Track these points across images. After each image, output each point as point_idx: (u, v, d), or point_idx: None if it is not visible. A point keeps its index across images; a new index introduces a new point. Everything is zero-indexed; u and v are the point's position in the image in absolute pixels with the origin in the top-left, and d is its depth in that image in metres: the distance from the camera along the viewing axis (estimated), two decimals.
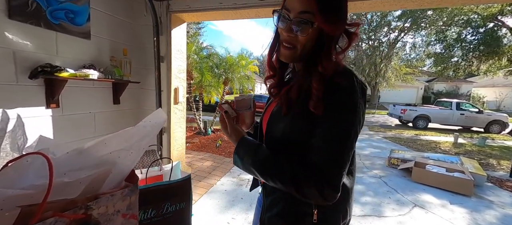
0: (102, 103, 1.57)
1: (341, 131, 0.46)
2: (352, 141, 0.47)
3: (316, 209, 0.54)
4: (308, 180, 0.45)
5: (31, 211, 0.24)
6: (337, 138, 0.46)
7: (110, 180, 0.35)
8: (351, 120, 0.46)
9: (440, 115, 8.25)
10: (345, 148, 0.46)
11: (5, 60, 1.07)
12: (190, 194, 0.63)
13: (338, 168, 0.45)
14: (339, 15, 0.49)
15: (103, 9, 1.50)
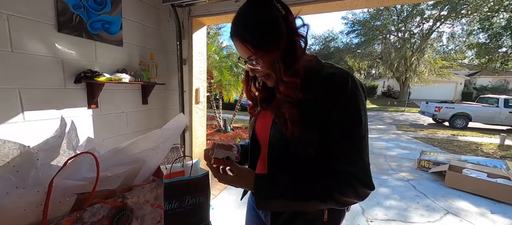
0: (133, 104, 1.73)
1: (356, 133, 0.49)
2: (366, 139, 0.50)
3: (326, 209, 0.56)
4: (347, 191, 0.49)
5: (84, 198, 0.30)
6: (354, 141, 0.49)
7: (140, 175, 0.41)
8: (360, 118, 0.49)
9: (483, 114, 7.34)
10: (364, 147, 0.49)
11: (55, 68, 1.25)
12: (208, 189, 0.69)
13: (366, 167, 0.49)
14: (272, 40, 0.49)
15: (133, 18, 1.65)
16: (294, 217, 0.58)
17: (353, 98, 0.49)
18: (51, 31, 1.21)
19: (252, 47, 0.50)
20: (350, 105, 0.49)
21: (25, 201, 0.25)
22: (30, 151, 0.28)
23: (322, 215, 0.57)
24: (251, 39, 0.50)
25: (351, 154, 0.49)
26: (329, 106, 0.49)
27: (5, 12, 1.04)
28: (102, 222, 0.32)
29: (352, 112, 0.49)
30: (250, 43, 0.50)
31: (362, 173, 0.49)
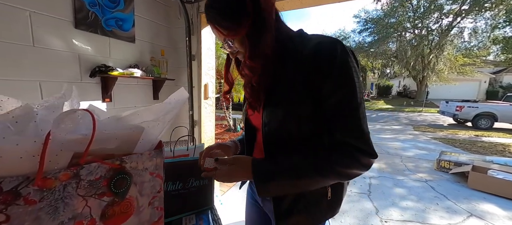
0: (144, 98, 1.78)
1: (351, 103, 0.47)
2: (363, 107, 0.48)
3: (330, 186, 0.54)
4: (349, 163, 0.47)
5: (80, 154, 0.31)
6: (351, 111, 0.47)
7: (140, 145, 0.41)
8: (354, 87, 0.47)
9: (511, 113, 6.79)
10: (361, 116, 0.47)
11: (72, 62, 1.32)
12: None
13: (365, 136, 0.47)
14: (237, 18, 0.48)
15: (145, 16, 1.70)
16: (297, 200, 0.56)
17: (344, 67, 0.46)
18: (69, 27, 1.28)
19: (222, 29, 0.50)
20: (342, 74, 0.46)
21: (21, 149, 0.26)
22: (30, 105, 0.29)
23: (326, 193, 0.55)
24: (219, 18, 0.49)
25: (349, 124, 0.47)
26: (320, 78, 0.46)
27: (28, 9, 1.11)
28: (100, 181, 0.32)
29: (344, 82, 0.46)
30: (220, 25, 0.50)
31: (362, 142, 0.47)
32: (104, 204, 0.33)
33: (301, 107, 0.49)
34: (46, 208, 0.28)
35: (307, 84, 0.48)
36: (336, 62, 0.45)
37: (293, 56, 0.51)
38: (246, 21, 0.47)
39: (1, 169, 0.25)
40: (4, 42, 1.05)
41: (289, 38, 0.53)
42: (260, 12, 0.48)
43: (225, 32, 0.50)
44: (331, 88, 0.46)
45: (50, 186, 0.28)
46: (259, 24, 0.48)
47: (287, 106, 0.50)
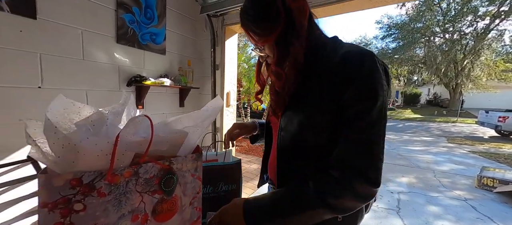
0: (171, 106, 1.90)
1: (366, 120, 0.42)
2: (380, 128, 0.43)
3: None
4: (342, 193, 0.42)
5: (140, 155, 0.35)
6: (363, 128, 0.42)
7: (183, 148, 0.45)
8: (374, 103, 0.42)
9: None
10: (373, 137, 0.42)
11: (113, 73, 1.47)
12: (240, 177, 0.71)
13: (372, 160, 0.41)
14: (268, 23, 0.49)
15: (175, 30, 1.85)
16: None
17: (369, 78, 0.42)
18: (111, 42, 1.44)
19: (254, 34, 0.52)
20: (365, 86, 0.42)
21: (98, 149, 0.30)
22: (103, 111, 0.34)
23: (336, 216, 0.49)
24: (251, 25, 0.51)
25: (356, 142, 0.42)
26: (342, 86, 0.43)
27: (81, 28, 1.28)
28: (153, 180, 0.36)
29: (365, 95, 0.42)
30: (252, 30, 0.52)
31: (366, 165, 0.41)
32: (155, 200, 0.37)
33: (319, 115, 0.47)
34: (113, 201, 0.32)
35: (330, 92, 0.45)
36: (361, 72, 0.43)
37: (323, 63, 0.49)
38: (277, 29, 0.48)
39: (83, 164, 0.29)
40: (61, 57, 1.21)
41: (322, 45, 0.52)
42: (293, 21, 0.48)
43: (256, 38, 0.52)
44: (351, 98, 0.43)
45: (117, 181, 0.32)
46: (289, 33, 0.48)
47: (306, 114, 0.49)
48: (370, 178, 0.41)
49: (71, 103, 0.34)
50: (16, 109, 1.07)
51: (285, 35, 0.49)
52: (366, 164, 0.41)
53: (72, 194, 0.29)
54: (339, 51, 0.48)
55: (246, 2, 0.53)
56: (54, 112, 0.30)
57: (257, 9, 0.50)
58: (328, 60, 0.49)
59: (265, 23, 0.49)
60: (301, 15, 0.49)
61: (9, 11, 1.01)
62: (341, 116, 0.45)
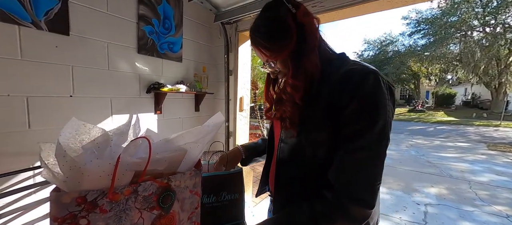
0: (187, 111, 1.98)
1: (363, 140, 0.41)
2: (379, 149, 0.42)
3: None
4: (334, 216, 0.42)
5: (139, 173, 0.37)
6: (359, 149, 0.41)
7: (183, 164, 0.47)
8: (374, 123, 0.41)
9: None
10: (369, 160, 0.41)
11: (134, 81, 1.58)
12: (242, 186, 0.72)
13: (366, 182, 0.41)
14: (281, 39, 0.50)
15: (191, 38, 1.93)
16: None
17: (371, 97, 0.42)
18: (133, 53, 1.55)
19: (266, 50, 0.52)
20: (366, 105, 0.42)
21: (101, 170, 0.33)
22: (108, 133, 0.37)
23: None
24: (263, 42, 0.52)
25: (351, 163, 0.42)
26: (342, 104, 0.43)
27: (106, 41, 1.40)
28: (151, 197, 0.39)
29: (365, 114, 0.42)
30: (263, 46, 0.52)
31: (360, 187, 0.41)
32: (153, 216, 0.39)
33: (316, 131, 0.48)
34: (113, 217, 0.35)
35: (328, 109, 0.46)
36: (363, 90, 0.42)
37: (328, 79, 0.49)
38: (289, 44, 0.49)
39: (87, 184, 0.33)
40: (90, 68, 1.34)
41: (328, 61, 0.52)
42: (305, 36, 0.50)
43: (268, 53, 0.53)
44: (350, 117, 0.42)
45: (117, 199, 0.35)
46: (302, 46, 0.50)
47: (304, 128, 0.50)
48: (363, 200, 0.40)
49: (82, 125, 0.38)
50: (50, 116, 1.20)
51: (298, 49, 0.50)
52: (360, 186, 0.41)
53: (78, 210, 0.32)
54: (342, 68, 0.48)
55: (257, 21, 0.54)
56: (66, 135, 0.34)
57: (268, 27, 0.51)
58: (331, 77, 0.48)
59: (277, 40, 0.51)
60: (312, 30, 0.51)
61: (47, 29, 1.15)
62: (338, 133, 0.44)
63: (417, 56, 14.47)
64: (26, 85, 1.11)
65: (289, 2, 0.50)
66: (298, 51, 0.50)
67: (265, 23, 0.52)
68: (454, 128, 9.46)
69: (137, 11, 1.53)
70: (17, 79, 1.08)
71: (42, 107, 1.17)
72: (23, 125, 1.12)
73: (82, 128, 0.38)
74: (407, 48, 15.55)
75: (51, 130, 1.20)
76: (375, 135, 0.41)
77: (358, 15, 1.50)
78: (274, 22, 0.51)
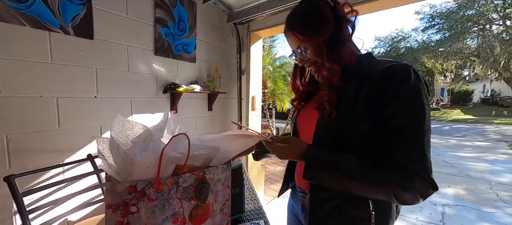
0: (201, 110, 2.03)
1: (417, 129, 0.45)
2: (428, 136, 0.46)
3: (374, 211, 0.52)
4: (407, 187, 0.45)
5: (179, 167, 0.40)
6: (415, 137, 0.46)
7: (216, 160, 0.50)
8: (423, 113, 0.45)
9: None
10: (425, 144, 0.46)
11: (152, 82, 1.64)
12: (242, 181, 0.75)
13: (427, 165, 0.45)
14: (318, 26, 0.53)
15: (204, 39, 1.97)
16: (334, 213, 0.55)
17: (415, 91, 0.45)
18: (150, 54, 1.61)
19: (300, 35, 0.55)
20: (411, 97, 0.45)
21: (148, 162, 0.36)
22: (151, 129, 0.41)
23: (369, 218, 0.52)
24: (299, 27, 0.56)
25: (412, 149, 0.45)
26: (386, 98, 0.46)
27: (126, 44, 1.46)
28: (190, 188, 0.41)
29: (414, 106, 0.45)
30: (298, 31, 0.56)
31: (424, 170, 0.45)
32: (191, 206, 0.42)
33: (358, 125, 0.49)
34: (159, 205, 0.38)
35: (370, 103, 0.48)
36: (407, 85, 0.45)
37: (359, 75, 0.52)
38: (325, 32, 0.53)
39: (137, 175, 0.36)
40: (112, 70, 1.41)
41: (357, 58, 0.56)
42: (342, 26, 0.54)
43: (302, 38, 0.56)
44: (396, 110, 0.45)
45: (162, 189, 0.38)
46: (338, 35, 0.54)
47: (345, 122, 0.51)
48: (429, 182, 0.45)
49: (126, 121, 0.41)
50: (77, 116, 1.28)
51: (333, 38, 0.54)
52: (423, 170, 0.45)
53: (129, 198, 0.35)
54: (377, 65, 0.51)
55: (295, 8, 0.59)
56: (116, 130, 0.38)
57: (306, 14, 0.55)
58: (364, 72, 0.52)
59: (312, 27, 0.54)
60: (349, 22, 0.55)
61: (73, 34, 1.22)
62: (384, 125, 0.47)
63: (431, 52, 13.93)
64: (56, 87, 1.18)
65: None
66: (333, 39, 0.53)
67: (303, 9, 0.56)
68: (471, 126, 9.05)
69: (154, 14, 1.59)
70: (48, 81, 1.16)
71: (70, 107, 1.24)
72: (54, 124, 1.19)
73: (127, 124, 0.41)
74: (420, 44, 15.00)
75: (78, 129, 1.28)
76: (425, 124, 0.45)
77: (382, 9, 1.44)
78: (311, 10, 0.55)
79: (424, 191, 0.45)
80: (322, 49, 0.54)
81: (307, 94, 0.70)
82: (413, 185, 0.44)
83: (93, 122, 1.35)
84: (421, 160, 0.45)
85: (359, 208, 0.53)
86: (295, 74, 0.70)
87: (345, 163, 0.50)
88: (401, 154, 0.46)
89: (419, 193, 0.45)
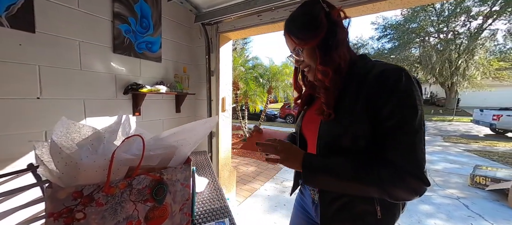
0: (168, 112, 1.94)
1: (410, 127, 0.48)
2: (421, 134, 0.49)
3: (379, 205, 0.55)
4: (399, 184, 0.48)
5: (133, 169, 0.40)
6: (408, 135, 0.48)
7: (174, 160, 0.50)
8: (415, 112, 0.48)
9: None
10: (418, 142, 0.48)
11: (110, 82, 1.51)
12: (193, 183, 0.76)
13: (419, 162, 0.48)
14: (311, 30, 0.57)
15: (170, 38, 1.90)
16: (342, 209, 0.59)
17: (407, 92, 0.49)
18: (108, 52, 1.48)
19: (295, 38, 0.60)
20: (405, 99, 0.48)
21: (96, 165, 0.35)
22: (100, 131, 0.39)
23: (375, 212, 0.56)
24: (295, 30, 0.60)
25: (404, 147, 0.48)
26: (382, 100, 0.49)
27: (78, 39, 1.32)
28: (145, 190, 0.41)
29: (406, 105, 0.48)
30: (294, 34, 0.60)
31: (416, 167, 0.47)
32: (147, 208, 0.42)
33: (358, 125, 0.52)
34: (109, 209, 0.37)
35: (368, 105, 0.51)
36: (400, 86, 0.48)
37: (355, 77, 0.55)
38: (317, 36, 0.56)
39: (84, 179, 0.34)
40: (60, 68, 1.25)
41: (352, 61, 0.59)
42: (335, 31, 0.57)
43: (297, 41, 0.60)
44: (391, 110, 0.48)
45: (112, 192, 0.37)
46: (331, 40, 0.56)
47: (346, 123, 0.54)
48: (422, 178, 0.47)
49: (72, 124, 0.39)
50: (16, 120, 1.11)
51: (326, 42, 0.57)
52: (415, 166, 0.47)
53: (74, 204, 0.34)
54: (372, 68, 0.54)
55: (293, 13, 0.63)
56: (58, 133, 0.35)
57: (302, 18, 0.60)
58: (361, 75, 0.55)
59: (307, 31, 0.58)
60: (342, 28, 0.59)
61: (8, 26, 1.06)
62: (380, 126, 0.50)
63: (384, 58, 15.79)
64: None
65: (324, 2, 0.58)
66: (326, 43, 0.57)
67: (300, 14, 0.61)
68: None
69: (112, 9, 1.47)
70: None
71: (6, 110, 1.07)
72: None
73: (73, 126, 0.39)
74: (376, 51, 16.89)
75: (18, 135, 1.11)
76: (417, 122, 0.48)
77: (373, 13, 1.48)
78: (307, 16, 0.58)
79: (416, 188, 0.47)
80: (315, 52, 0.58)
81: (309, 97, 0.73)
82: (405, 182, 0.47)
83: (36, 127, 1.18)
84: (413, 157, 0.47)
85: (366, 202, 0.56)
86: (296, 74, 0.73)
87: (338, 166, 0.53)
88: (394, 152, 0.48)
89: (411, 190, 0.47)
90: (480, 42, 12.27)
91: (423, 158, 0.48)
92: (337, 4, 1.33)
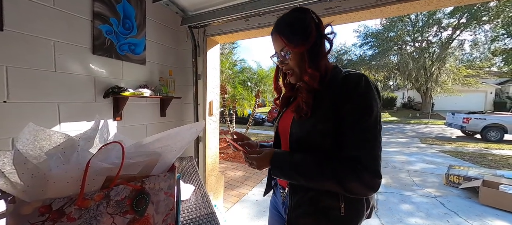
0: (152, 116, 1.87)
1: (365, 124, 0.53)
2: (377, 132, 0.54)
3: (343, 202, 0.59)
4: (352, 177, 0.52)
5: (111, 178, 0.37)
6: (363, 130, 0.53)
7: (157, 168, 0.47)
8: (370, 111, 0.53)
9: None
10: (372, 138, 0.53)
11: (89, 85, 1.42)
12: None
13: (373, 155, 0.52)
14: (303, 37, 0.61)
15: (155, 40, 1.84)
16: (310, 204, 0.62)
17: (365, 94, 0.54)
18: (87, 53, 1.40)
19: (286, 39, 0.62)
20: (362, 99, 0.54)
21: (68, 176, 0.32)
22: (74, 138, 0.36)
23: (337, 207, 0.59)
24: (286, 32, 0.62)
25: (359, 141, 0.53)
26: (343, 101, 0.55)
27: (52, 39, 1.23)
28: (125, 201, 0.38)
29: (362, 105, 0.54)
30: (285, 36, 0.62)
31: (369, 160, 0.51)
32: (127, 221, 0.38)
33: (323, 123, 0.57)
34: (83, 224, 0.33)
35: (333, 105, 0.56)
36: (358, 89, 0.54)
37: (328, 84, 0.61)
38: (307, 42, 0.60)
39: (54, 192, 0.31)
40: (31, 69, 1.16)
41: (327, 69, 0.64)
42: (322, 42, 0.62)
43: (286, 42, 0.62)
44: (350, 109, 0.54)
45: (87, 205, 0.34)
46: (317, 47, 0.62)
47: (313, 121, 0.59)
48: (374, 171, 0.51)
49: (41, 130, 0.35)
50: None
51: (314, 50, 0.62)
52: (369, 159, 0.52)
53: (41, 220, 0.30)
54: (340, 74, 0.60)
55: (285, 15, 0.65)
56: (24, 141, 0.32)
57: (294, 22, 0.63)
58: (332, 82, 0.61)
59: (298, 35, 0.61)
60: (328, 40, 0.64)
61: None
62: (341, 124, 0.55)
63: (366, 64, 16.61)
64: None
65: (313, 13, 0.63)
66: (314, 50, 0.61)
67: (292, 18, 0.63)
68: (396, 126, 11.11)
69: (92, 8, 1.40)
70: None
71: None
72: None
73: (41, 134, 0.35)
74: (358, 57, 17.71)
75: None
76: (372, 121, 0.53)
77: (356, 21, 1.51)
78: (299, 21, 0.62)
79: (370, 181, 0.51)
80: (304, 56, 0.62)
81: (287, 100, 0.78)
82: (358, 176, 0.51)
83: (2, 133, 1.07)
84: (367, 152, 0.52)
85: (331, 198, 0.60)
86: (277, 75, 0.76)
87: (301, 162, 0.58)
88: (350, 148, 0.53)
89: (365, 184, 0.51)
90: (450, 51, 13.37)
91: (378, 154, 0.53)
92: (321, 12, 1.45)
